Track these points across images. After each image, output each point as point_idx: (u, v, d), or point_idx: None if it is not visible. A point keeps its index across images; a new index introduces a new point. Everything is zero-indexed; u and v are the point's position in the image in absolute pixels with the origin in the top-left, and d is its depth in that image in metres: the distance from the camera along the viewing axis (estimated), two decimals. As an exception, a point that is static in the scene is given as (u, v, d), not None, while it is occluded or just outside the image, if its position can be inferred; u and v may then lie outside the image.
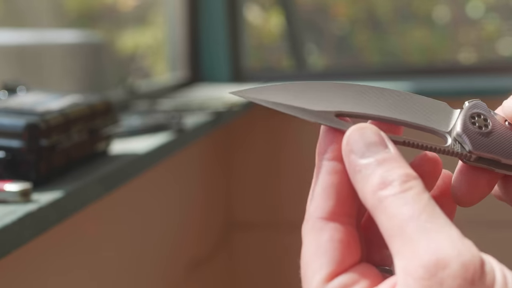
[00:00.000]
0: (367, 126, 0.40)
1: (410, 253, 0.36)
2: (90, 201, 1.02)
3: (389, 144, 0.39)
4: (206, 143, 1.82)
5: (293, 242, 2.32)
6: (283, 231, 2.09)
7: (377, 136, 0.40)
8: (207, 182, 1.92)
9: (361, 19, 2.72)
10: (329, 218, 0.41)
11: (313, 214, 0.41)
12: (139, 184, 1.35)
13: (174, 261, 1.62)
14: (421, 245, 0.36)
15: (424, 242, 0.36)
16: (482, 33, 2.64)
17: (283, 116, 2.06)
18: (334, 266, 0.40)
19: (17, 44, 1.54)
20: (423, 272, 0.36)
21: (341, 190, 0.41)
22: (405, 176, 0.38)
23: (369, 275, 0.40)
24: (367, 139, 0.39)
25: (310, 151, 2.00)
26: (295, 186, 2.06)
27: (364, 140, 0.40)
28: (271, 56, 2.76)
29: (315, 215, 0.41)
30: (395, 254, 0.37)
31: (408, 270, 0.36)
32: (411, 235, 0.36)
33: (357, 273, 0.40)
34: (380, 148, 0.39)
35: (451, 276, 0.35)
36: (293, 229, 2.33)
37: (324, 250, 0.40)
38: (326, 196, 0.41)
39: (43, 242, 1.00)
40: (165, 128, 1.39)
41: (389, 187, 0.38)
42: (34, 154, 0.95)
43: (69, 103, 1.07)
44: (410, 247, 0.36)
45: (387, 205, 0.37)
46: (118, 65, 2.09)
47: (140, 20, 2.38)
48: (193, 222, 1.77)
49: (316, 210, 0.41)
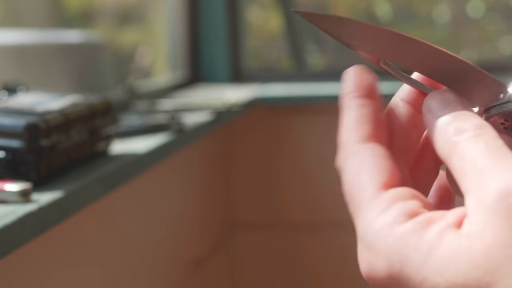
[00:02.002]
0: (446, 90, 0.41)
1: (482, 184, 0.36)
2: (90, 201, 1.02)
3: (464, 102, 0.41)
4: (206, 143, 1.82)
5: (293, 242, 2.32)
6: (283, 231, 2.09)
7: (454, 96, 0.41)
8: (207, 182, 1.92)
9: (361, 19, 2.72)
10: (368, 138, 0.40)
11: (348, 142, 0.40)
12: (139, 184, 1.35)
13: (174, 261, 1.62)
14: (494, 175, 0.36)
15: (496, 173, 0.36)
16: (482, 32, 2.64)
17: (283, 116, 2.07)
18: (386, 178, 0.39)
19: (16, 44, 1.54)
20: (493, 197, 0.36)
21: (376, 119, 0.41)
22: (479, 125, 0.39)
23: (426, 199, 0.39)
24: (446, 98, 0.41)
25: (310, 151, 2.01)
26: (296, 186, 2.06)
27: (443, 98, 0.41)
28: (271, 56, 2.76)
29: (352, 140, 0.40)
30: (467, 192, 0.37)
31: (479, 198, 0.36)
32: (483, 168, 0.37)
33: (413, 190, 0.39)
34: (457, 105, 0.40)
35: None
36: (294, 229, 2.31)
37: (371, 164, 0.39)
38: (360, 124, 0.41)
39: (43, 242, 1.00)
40: (165, 128, 1.39)
41: (464, 133, 0.38)
42: (34, 154, 0.95)
43: (69, 103, 1.07)
44: (482, 180, 0.37)
45: (461, 147, 0.38)
46: (118, 65, 2.09)
47: (140, 20, 2.38)
48: (193, 222, 1.77)
49: (352, 137, 0.40)
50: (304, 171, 2.04)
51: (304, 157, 2.04)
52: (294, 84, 2.18)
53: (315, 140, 2.01)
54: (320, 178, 1.99)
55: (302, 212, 2.06)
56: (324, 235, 2.03)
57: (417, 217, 0.37)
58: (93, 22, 2.09)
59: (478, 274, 0.35)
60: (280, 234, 2.09)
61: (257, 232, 2.10)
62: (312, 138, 2.04)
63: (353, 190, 0.39)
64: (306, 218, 2.06)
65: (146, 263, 1.44)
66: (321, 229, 2.04)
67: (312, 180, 2.02)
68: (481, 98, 0.41)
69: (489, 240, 0.36)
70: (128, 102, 1.71)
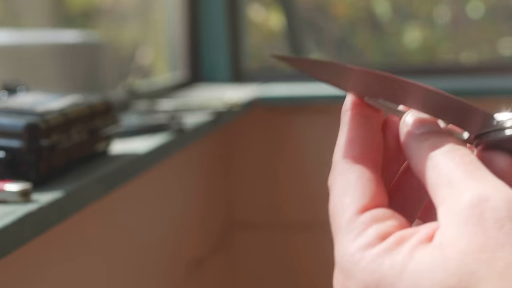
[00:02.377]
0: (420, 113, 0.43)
1: (455, 195, 0.37)
2: (90, 201, 1.02)
3: (440, 122, 0.42)
4: (206, 143, 1.82)
5: (293, 242, 2.32)
6: (283, 231, 2.09)
7: (430, 117, 0.42)
8: (207, 182, 1.92)
9: (361, 19, 2.72)
10: (357, 160, 0.41)
11: (339, 162, 0.42)
12: (139, 184, 1.35)
13: (174, 261, 1.62)
14: (466, 187, 0.37)
15: (469, 185, 0.37)
16: (482, 33, 2.64)
17: (283, 116, 2.07)
18: (366, 200, 0.40)
19: (16, 44, 1.54)
20: (465, 206, 0.37)
21: (369, 139, 0.42)
22: (454, 142, 0.40)
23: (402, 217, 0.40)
24: (424, 117, 0.42)
25: (310, 151, 2.01)
26: (295, 186, 2.06)
27: (421, 117, 0.42)
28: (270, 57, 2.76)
29: (342, 160, 0.42)
30: (439, 205, 0.38)
31: (451, 209, 0.37)
32: (456, 180, 0.38)
33: (390, 210, 0.40)
34: (434, 124, 0.41)
35: (493, 208, 0.36)
36: (294, 228, 2.31)
37: (355, 186, 0.40)
38: (351, 144, 0.42)
39: (43, 242, 1.00)
40: (165, 128, 1.39)
41: (439, 149, 0.40)
42: (34, 154, 0.95)
43: (69, 103, 1.07)
44: (454, 191, 0.37)
45: (435, 161, 0.39)
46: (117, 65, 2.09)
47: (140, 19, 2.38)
48: (193, 222, 1.77)
49: (343, 157, 0.42)
50: (304, 171, 2.04)
51: (304, 157, 2.05)
52: (294, 84, 2.18)
53: (315, 140, 2.01)
54: (321, 178, 1.99)
55: (302, 212, 2.06)
56: (325, 235, 2.03)
57: (389, 238, 0.38)
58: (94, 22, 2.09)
59: (453, 281, 0.36)
60: (280, 234, 2.09)
61: (257, 232, 2.10)
62: (312, 138, 2.04)
63: (334, 212, 0.40)
64: (306, 218, 2.06)
65: (146, 263, 1.44)
66: (322, 229, 2.04)
67: (312, 180, 2.02)
68: (469, 130, 0.42)
69: (463, 247, 0.36)
70: (128, 102, 1.71)
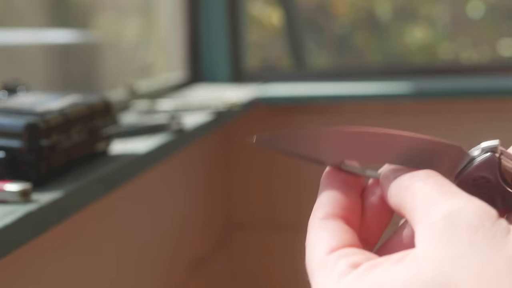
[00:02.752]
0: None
1: (429, 212, 0.38)
2: (90, 201, 1.02)
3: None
4: (206, 143, 1.82)
5: (292, 242, 2.32)
6: (283, 231, 2.09)
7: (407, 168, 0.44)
8: (207, 182, 1.92)
9: (361, 18, 2.72)
10: (328, 216, 0.43)
11: (315, 218, 0.44)
12: (139, 184, 1.35)
13: (174, 261, 1.62)
14: (440, 203, 0.38)
15: (443, 199, 0.39)
16: (482, 33, 2.64)
17: (283, 116, 2.07)
18: (337, 241, 0.41)
19: (16, 44, 1.54)
20: (438, 218, 0.38)
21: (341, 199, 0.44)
22: (428, 171, 0.42)
23: (372, 254, 0.41)
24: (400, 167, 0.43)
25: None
26: (295, 186, 2.06)
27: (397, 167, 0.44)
28: (271, 54, 2.76)
29: (317, 216, 0.44)
30: (416, 224, 0.39)
31: (426, 224, 0.38)
32: (432, 198, 0.39)
33: (360, 249, 0.41)
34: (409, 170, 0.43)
35: (466, 217, 0.37)
36: (293, 229, 2.33)
37: (328, 231, 0.42)
38: (326, 203, 0.44)
39: (43, 242, 1.00)
40: (165, 128, 1.39)
41: (415, 177, 0.41)
42: (34, 154, 0.95)
43: (69, 103, 1.07)
44: (429, 208, 0.39)
45: (412, 188, 0.41)
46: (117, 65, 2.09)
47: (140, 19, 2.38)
48: (193, 222, 1.77)
49: (318, 214, 0.44)
50: (304, 171, 2.04)
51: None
52: (294, 84, 2.18)
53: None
54: (320, 179, 1.99)
55: (302, 212, 2.06)
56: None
57: (362, 265, 0.39)
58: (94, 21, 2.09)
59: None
60: (280, 234, 2.09)
61: (256, 232, 2.10)
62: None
63: (308, 259, 0.42)
64: (307, 218, 2.06)
65: (146, 263, 1.44)
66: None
67: (312, 180, 2.02)
68: (447, 167, 0.44)
69: (439, 256, 0.37)
70: (128, 102, 1.71)
